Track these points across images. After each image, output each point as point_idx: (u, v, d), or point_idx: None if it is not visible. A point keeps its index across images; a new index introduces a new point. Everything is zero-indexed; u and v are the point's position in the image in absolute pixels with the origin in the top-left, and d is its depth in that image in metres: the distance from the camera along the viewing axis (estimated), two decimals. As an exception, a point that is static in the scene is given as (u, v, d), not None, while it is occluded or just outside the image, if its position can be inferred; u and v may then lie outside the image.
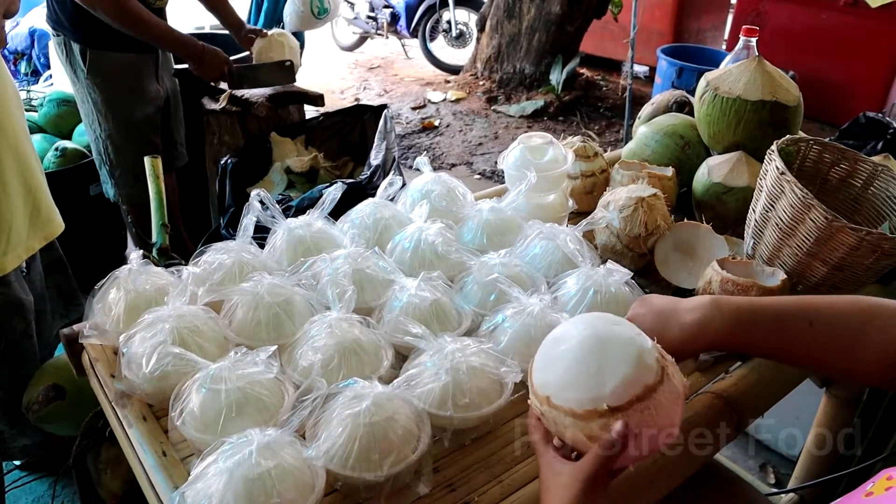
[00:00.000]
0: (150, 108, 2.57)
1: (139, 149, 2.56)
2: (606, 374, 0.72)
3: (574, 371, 0.74)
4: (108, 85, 2.46)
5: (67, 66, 2.47)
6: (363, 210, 1.35)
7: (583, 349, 0.75)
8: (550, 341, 0.80)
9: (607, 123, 5.46)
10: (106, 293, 1.12)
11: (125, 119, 2.53)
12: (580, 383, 0.73)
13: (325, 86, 6.15)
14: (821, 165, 1.36)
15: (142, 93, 2.53)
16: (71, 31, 2.38)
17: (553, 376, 0.75)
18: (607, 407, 0.71)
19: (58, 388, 1.53)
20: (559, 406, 0.74)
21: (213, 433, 0.88)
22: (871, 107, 4.82)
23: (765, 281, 1.21)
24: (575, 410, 0.72)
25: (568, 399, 0.73)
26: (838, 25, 5.09)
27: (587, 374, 0.74)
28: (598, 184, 1.57)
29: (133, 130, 2.55)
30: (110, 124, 2.52)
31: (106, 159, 2.61)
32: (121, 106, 2.52)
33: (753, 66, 1.48)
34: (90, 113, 2.53)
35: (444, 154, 4.94)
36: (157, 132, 2.65)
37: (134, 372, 0.97)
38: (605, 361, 0.73)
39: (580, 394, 0.73)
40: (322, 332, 1.00)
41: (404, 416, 0.88)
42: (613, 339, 0.75)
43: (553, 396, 0.74)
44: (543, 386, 0.76)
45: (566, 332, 0.79)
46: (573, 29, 5.68)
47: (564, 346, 0.76)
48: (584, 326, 0.77)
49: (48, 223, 1.67)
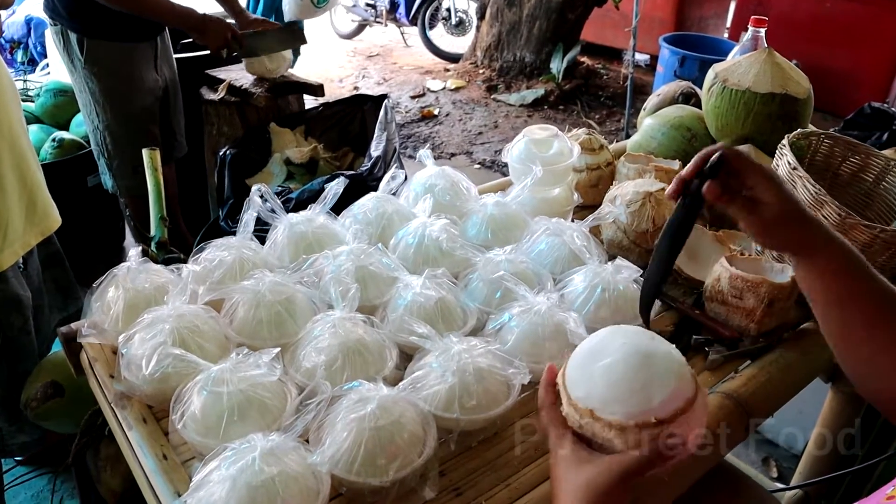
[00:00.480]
0: (148, 99, 2.54)
1: (138, 140, 2.53)
2: (653, 389, 0.75)
3: (620, 386, 0.76)
4: (105, 74, 2.43)
5: (65, 55, 2.44)
6: (365, 204, 1.33)
7: (628, 365, 0.77)
8: (587, 354, 0.81)
9: (608, 112, 5.42)
10: (104, 291, 1.09)
11: (123, 109, 2.50)
12: (627, 398, 0.75)
13: (324, 74, 6.10)
14: (832, 159, 1.33)
15: (140, 82, 2.50)
16: (68, 19, 2.34)
17: (597, 390, 0.77)
18: (655, 420, 0.73)
19: (56, 385, 1.51)
20: (603, 419, 0.75)
21: (215, 437, 0.87)
22: (875, 96, 4.79)
23: (774, 277, 1.19)
24: (622, 424, 0.74)
25: (614, 412, 0.75)
26: (842, 14, 5.04)
27: (633, 388, 0.75)
28: (603, 177, 1.54)
29: (132, 121, 2.52)
30: (108, 115, 2.49)
31: (104, 150, 2.58)
32: (119, 96, 2.49)
33: (763, 57, 1.45)
34: (88, 103, 2.50)
35: (444, 143, 4.90)
36: (156, 123, 2.62)
37: (133, 373, 0.95)
38: (650, 376, 0.76)
39: (628, 408, 0.75)
40: (325, 332, 0.98)
41: (410, 419, 0.86)
42: (656, 355, 0.78)
43: (597, 410, 0.76)
44: (585, 399, 0.77)
45: (605, 346, 0.80)
46: (574, 17, 5.63)
47: (607, 361, 0.78)
48: (624, 341, 0.79)
49: (45, 218, 1.65)
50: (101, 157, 2.61)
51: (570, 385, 0.80)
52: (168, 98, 2.68)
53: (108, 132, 2.52)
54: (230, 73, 2.78)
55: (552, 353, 1.01)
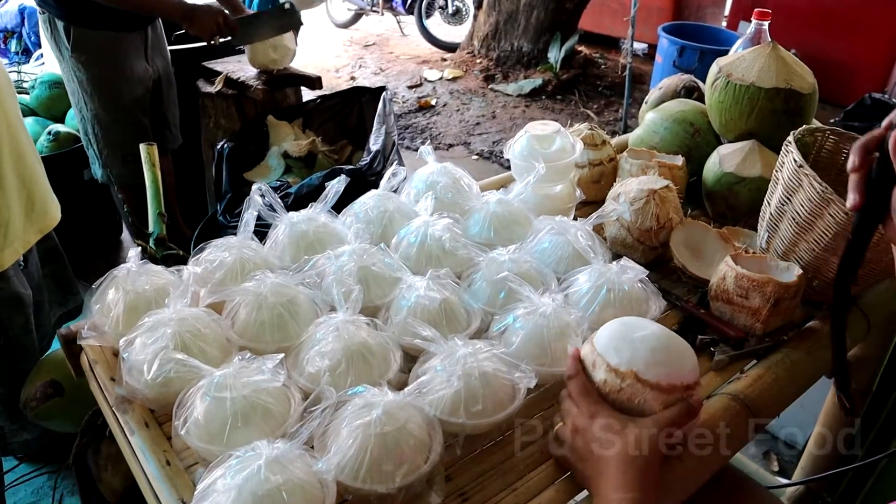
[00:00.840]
0: (138, 89, 2.51)
1: (127, 129, 2.51)
2: (685, 359, 0.91)
3: (661, 353, 0.89)
4: (93, 63, 2.41)
5: (53, 44, 2.41)
6: (367, 202, 1.31)
7: (664, 337, 0.91)
8: (622, 327, 0.93)
9: (606, 102, 5.40)
10: (104, 293, 1.08)
11: (112, 99, 2.47)
12: (667, 362, 0.89)
13: (321, 64, 6.06)
14: (837, 156, 1.32)
15: (129, 72, 2.47)
16: (55, 7, 2.32)
17: (640, 355, 0.88)
18: (683, 384, 0.88)
19: (56, 384, 1.50)
20: (647, 380, 0.87)
21: (219, 443, 0.86)
22: (872, 86, 4.78)
23: (780, 276, 1.18)
24: (661, 384, 0.87)
25: (657, 374, 0.87)
26: (840, 3, 5.02)
27: (671, 356, 0.90)
28: (606, 172, 1.53)
29: (120, 110, 2.50)
30: (97, 104, 2.46)
31: (93, 140, 2.56)
32: (107, 85, 2.46)
33: (768, 51, 1.44)
34: (76, 92, 2.47)
35: (442, 134, 4.88)
36: (146, 113, 2.59)
37: (135, 378, 0.94)
38: (679, 350, 0.91)
39: (668, 370, 0.88)
40: (329, 336, 0.96)
41: (416, 424, 0.86)
42: (677, 337, 0.93)
43: (641, 372, 0.87)
44: (628, 363, 0.88)
45: (637, 322, 0.94)
46: (572, 6, 5.60)
47: (646, 332, 0.91)
48: (649, 321, 0.96)
49: (44, 215, 1.63)
50: (91, 147, 2.60)
51: (605, 354, 0.90)
52: (161, 89, 2.65)
53: (96, 121, 2.50)
54: (227, 65, 2.76)
55: (557, 355, 1.01)
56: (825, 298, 1.25)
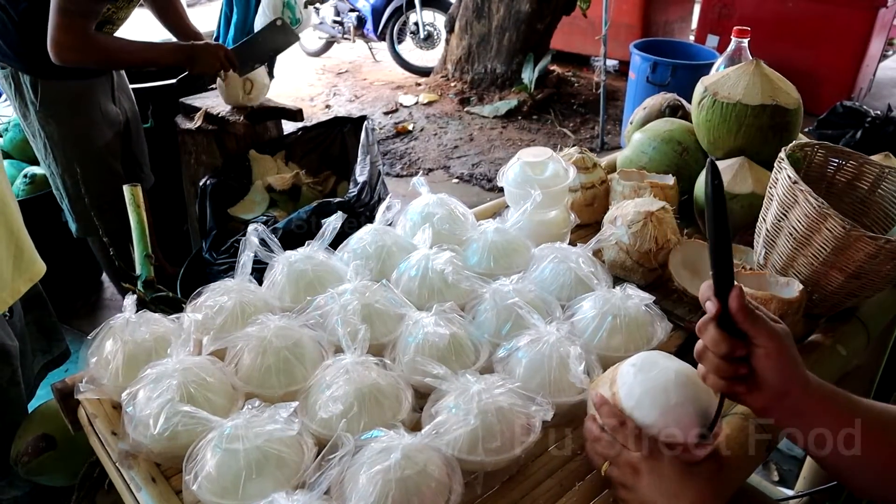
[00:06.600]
0: (108, 134, 2.43)
1: (100, 179, 2.43)
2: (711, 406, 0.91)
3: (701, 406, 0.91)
4: (65, 116, 2.30)
5: (17, 100, 2.29)
6: (364, 238, 1.30)
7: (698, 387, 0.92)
8: (648, 380, 0.92)
9: (581, 120, 5.45)
10: (101, 345, 1.05)
11: (84, 150, 2.38)
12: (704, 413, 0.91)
13: (295, 93, 6.06)
14: (827, 169, 1.34)
15: (100, 118, 2.39)
16: (17, 61, 2.21)
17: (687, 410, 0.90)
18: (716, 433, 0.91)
19: (48, 437, 1.46)
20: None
21: (234, 496, 0.83)
22: (839, 93, 4.88)
23: (781, 292, 1.19)
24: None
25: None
26: (805, 13, 5.14)
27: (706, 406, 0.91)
28: (598, 195, 1.53)
29: (93, 161, 2.41)
30: (68, 157, 2.36)
31: (65, 194, 2.46)
32: (78, 136, 2.36)
33: (752, 69, 1.46)
34: (44, 147, 2.36)
35: (420, 159, 4.88)
36: (118, 158, 2.50)
37: (140, 432, 0.91)
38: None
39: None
40: (339, 379, 0.95)
41: (436, 466, 0.84)
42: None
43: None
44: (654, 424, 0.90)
45: (665, 377, 0.92)
46: (543, 27, 5.66)
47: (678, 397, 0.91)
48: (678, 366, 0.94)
49: (32, 264, 1.59)
50: (64, 201, 2.50)
51: (632, 413, 0.91)
52: (129, 130, 2.58)
53: (67, 175, 2.41)
54: (206, 100, 2.73)
55: (561, 386, 1.00)
56: (824, 311, 1.26)
